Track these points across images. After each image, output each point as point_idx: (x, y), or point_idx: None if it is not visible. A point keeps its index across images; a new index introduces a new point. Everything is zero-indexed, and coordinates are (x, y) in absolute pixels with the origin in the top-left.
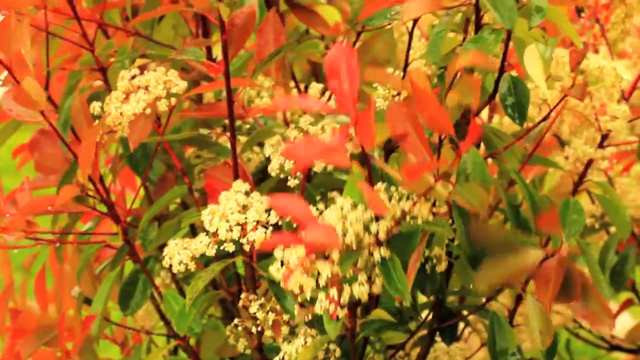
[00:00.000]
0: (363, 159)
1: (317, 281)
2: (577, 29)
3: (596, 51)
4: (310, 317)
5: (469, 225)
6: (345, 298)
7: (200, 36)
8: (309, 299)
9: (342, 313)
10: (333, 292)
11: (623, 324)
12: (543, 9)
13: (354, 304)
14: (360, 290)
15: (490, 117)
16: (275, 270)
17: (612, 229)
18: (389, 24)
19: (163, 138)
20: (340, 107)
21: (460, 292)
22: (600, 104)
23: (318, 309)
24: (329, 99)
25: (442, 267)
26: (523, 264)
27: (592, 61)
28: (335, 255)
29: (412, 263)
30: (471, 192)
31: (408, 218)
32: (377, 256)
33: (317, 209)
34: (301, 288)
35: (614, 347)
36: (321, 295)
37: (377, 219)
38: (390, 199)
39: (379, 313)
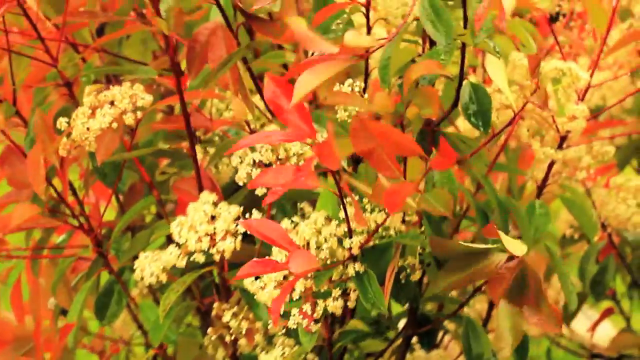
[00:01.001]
0: (333, 177)
1: (291, 296)
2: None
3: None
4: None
5: (435, 227)
6: (319, 312)
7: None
8: (281, 312)
9: (315, 327)
10: (306, 307)
11: (604, 333)
12: (486, 25)
13: (330, 314)
14: (335, 305)
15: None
16: (249, 283)
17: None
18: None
19: (129, 155)
20: (298, 138)
21: (436, 299)
22: (557, 105)
23: (291, 323)
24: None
25: (416, 277)
26: (484, 266)
27: (549, 63)
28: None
29: (389, 275)
30: (436, 197)
31: (381, 230)
32: (351, 271)
33: (292, 221)
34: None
35: (595, 356)
36: (294, 311)
37: (351, 233)
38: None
39: (355, 323)
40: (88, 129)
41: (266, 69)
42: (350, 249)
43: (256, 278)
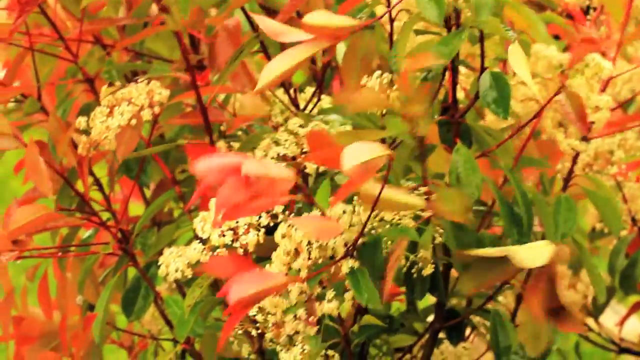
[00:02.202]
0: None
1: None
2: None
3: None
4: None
5: (456, 230)
6: (317, 315)
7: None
8: (279, 317)
9: (313, 331)
10: (300, 312)
11: (632, 327)
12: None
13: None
14: (330, 307)
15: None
16: None
17: (622, 233)
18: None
19: (148, 151)
20: None
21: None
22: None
23: (289, 330)
24: (318, 100)
25: (427, 271)
26: (508, 268)
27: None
28: (303, 274)
29: (388, 270)
30: (452, 198)
31: (370, 226)
32: (344, 268)
33: (290, 224)
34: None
35: (623, 350)
36: (288, 317)
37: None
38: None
39: (368, 319)
40: (107, 127)
41: None
42: (333, 248)
43: None
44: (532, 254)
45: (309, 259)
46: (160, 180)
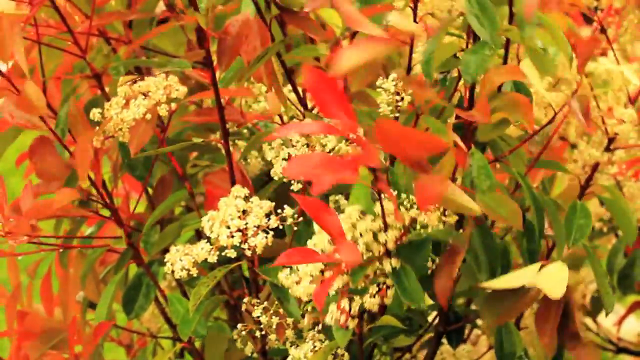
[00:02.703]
0: (372, 173)
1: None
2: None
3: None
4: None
5: (486, 238)
6: (355, 309)
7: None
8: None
9: (352, 324)
10: (344, 302)
11: (630, 327)
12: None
13: (363, 310)
14: (372, 302)
15: None
16: (284, 278)
17: (621, 232)
18: None
19: (163, 150)
20: (341, 132)
21: (467, 294)
22: (607, 107)
23: (329, 319)
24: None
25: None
26: (527, 297)
27: (600, 64)
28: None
29: (452, 272)
30: (500, 203)
31: (418, 227)
32: (387, 267)
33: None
34: (310, 296)
35: (621, 350)
36: (332, 307)
37: (386, 228)
38: (399, 206)
39: (387, 319)
40: (122, 119)
41: (298, 62)
42: (385, 243)
43: (290, 272)
44: (552, 283)
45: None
46: (161, 177)
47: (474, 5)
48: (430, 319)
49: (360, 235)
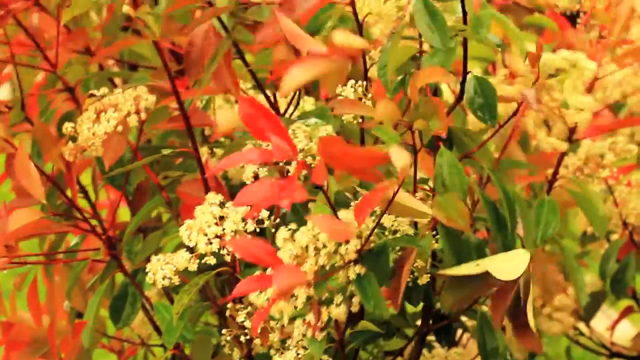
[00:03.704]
0: (321, 190)
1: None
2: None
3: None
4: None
5: (452, 238)
6: (323, 320)
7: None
8: (286, 323)
9: (320, 336)
10: (309, 316)
11: (623, 331)
12: (485, 22)
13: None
14: (337, 312)
15: None
16: (255, 297)
17: (613, 237)
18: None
19: (138, 164)
20: (279, 158)
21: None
22: (560, 97)
23: (296, 334)
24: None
25: (423, 281)
26: (485, 283)
27: (558, 54)
28: (309, 278)
29: (403, 277)
30: (450, 203)
31: (387, 233)
32: (351, 274)
33: (290, 229)
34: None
35: (614, 354)
36: (298, 322)
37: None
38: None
39: (365, 324)
40: (94, 134)
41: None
42: (345, 253)
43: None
44: (509, 266)
45: (315, 264)
46: (138, 185)
47: (423, 12)
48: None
49: (324, 246)
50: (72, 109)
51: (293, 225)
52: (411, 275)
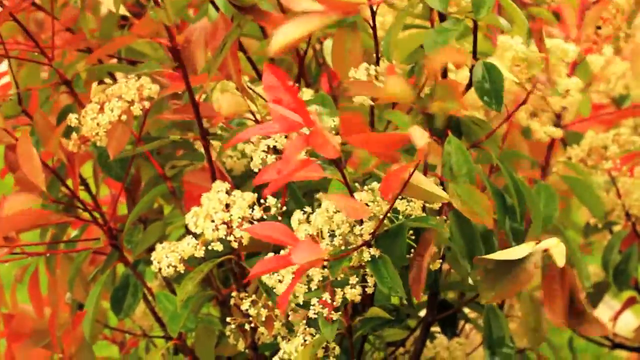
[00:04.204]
0: (335, 165)
1: (309, 285)
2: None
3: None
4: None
5: (463, 224)
6: (338, 301)
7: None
8: (302, 303)
9: (336, 316)
10: (326, 296)
11: (626, 322)
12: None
13: (351, 303)
14: (353, 293)
15: None
16: (267, 277)
17: (616, 228)
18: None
19: (141, 149)
20: (291, 129)
21: (457, 286)
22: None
23: (312, 313)
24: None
25: (435, 266)
26: (523, 271)
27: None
28: (325, 259)
29: (425, 263)
30: (472, 196)
31: (401, 216)
32: (366, 256)
33: (304, 211)
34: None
35: (617, 345)
36: (313, 300)
37: (362, 220)
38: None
39: (375, 311)
40: (98, 124)
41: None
42: (361, 234)
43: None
44: (556, 251)
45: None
46: (134, 176)
47: None
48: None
49: (338, 227)
50: (71, 102)
51: (308, 209)
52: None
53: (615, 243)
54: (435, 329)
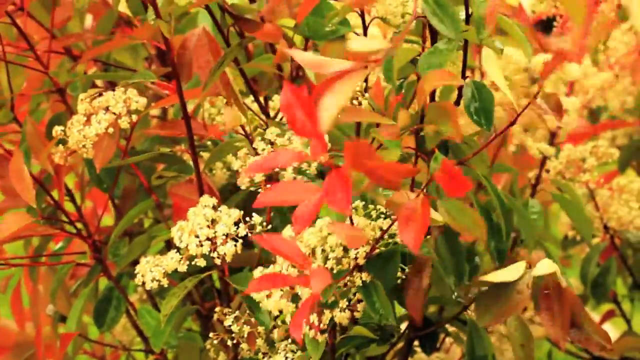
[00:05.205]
0: None
1: (296, 305)
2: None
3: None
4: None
5: (451, 242)
6: (325, 322)
7: (155, 57)
8: (288, 321)
9: (322, 338)
10: (313, 317)
11: None
12: (489, 22)
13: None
14: (342, 316)
15: None
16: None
17: (594, 241)
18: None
19: (128, 160)
20: (314, 158)
21: (438, 301)
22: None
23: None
24: None
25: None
26: (517, 292)
27: (535, 59)
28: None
29: (423, 286)
30: (462, 213)
31: (386, 238)
32: (358, 280)
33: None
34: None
35: (596, 358)
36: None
37: None
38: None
39: (359, 330)
40: (84, 136)
41: (260, 70)
42: (356, 258)
43: None
44: (545, 266)
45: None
46: (127, 189)
47: (433, 6)
48: (403, 326)
49: (331, 249)
50: (61, 111)
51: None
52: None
53: (593, 256)
54: (415, 342)
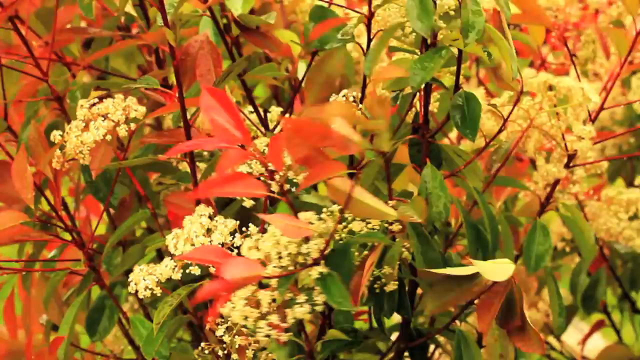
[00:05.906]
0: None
1: (259, 310)
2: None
3: (566, 72)
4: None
5: (422, 242)
6: (289, 321)
7: (154, 64)
8: (252, 326)
9: (285, 337)
10: (273, 318)
11: (594, 345)
12: (477, 27)
13: (311, 326)
14: (301, 311)
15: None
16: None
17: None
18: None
19: (122, 164)
20: (230, 143)
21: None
22: (566, 124)
23: (260, 337)
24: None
25: (390, 287)
26: (472, 286)
27: (563, 81)
28: (273, 282)
29: (366, 270)
30: (413, 205)
31: (339, 234)
32: (314, 274)
33: (257, 238)
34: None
35: None
36: (261, 323)
37: (308, 239)
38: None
39: (333, 333)
40: (82, 142)
41: (258, 81)
42: (308, 253)
43: None
44: (498, 269)
45: (280, 267)
46: (122, 199)
47: (416, 3)
48: (393, 337)
49: (285, 248)
50: (58, 118)
51: (258, 235)
52: (378, 282)
53: (583, 267)
54: (405, 353)
